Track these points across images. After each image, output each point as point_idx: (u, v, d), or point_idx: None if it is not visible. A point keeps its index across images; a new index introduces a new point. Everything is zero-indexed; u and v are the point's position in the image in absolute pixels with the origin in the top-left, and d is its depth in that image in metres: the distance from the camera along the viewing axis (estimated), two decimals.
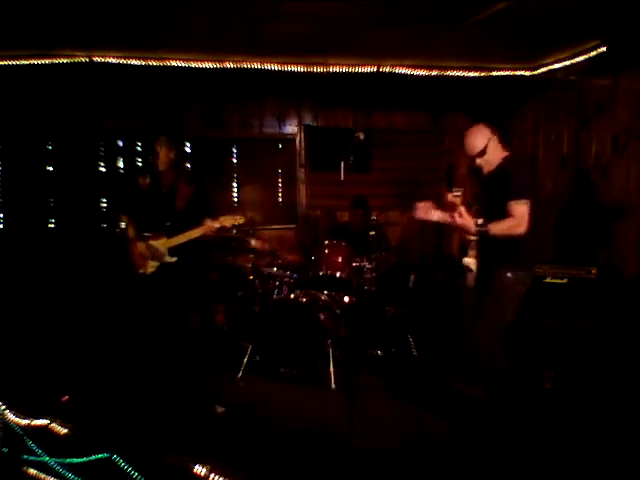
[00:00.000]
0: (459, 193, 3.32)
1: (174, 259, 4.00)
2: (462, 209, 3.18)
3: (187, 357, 4.55)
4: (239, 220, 4.01)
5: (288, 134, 6.17)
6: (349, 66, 5.31)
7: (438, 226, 6.34)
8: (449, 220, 3.24)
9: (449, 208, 3.31)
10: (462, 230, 3.36)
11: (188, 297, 4.18)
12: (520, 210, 3.16)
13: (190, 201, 4.01)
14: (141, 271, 4.09)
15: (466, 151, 3.45)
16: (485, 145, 3.35)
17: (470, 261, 3.80)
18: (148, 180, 4.26)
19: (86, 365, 4.33)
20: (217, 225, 3.90)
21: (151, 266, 4.05)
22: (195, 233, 3.88)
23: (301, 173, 6.23)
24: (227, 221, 3.93)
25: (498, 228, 3.18)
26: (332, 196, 6.15)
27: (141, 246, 4.05)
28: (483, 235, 3.23)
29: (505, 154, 3.40)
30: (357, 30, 4.33)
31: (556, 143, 5.33)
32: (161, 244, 3.99)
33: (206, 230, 3.89)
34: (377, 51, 4.97)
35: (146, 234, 4.07)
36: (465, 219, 3.17)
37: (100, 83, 5.33)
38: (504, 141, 3.44)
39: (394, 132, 6.32)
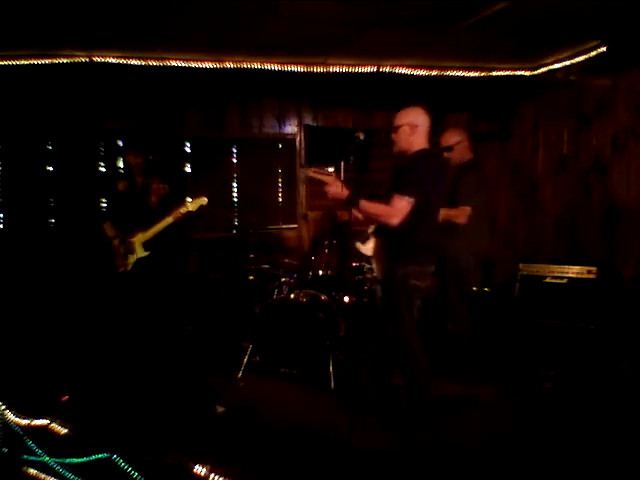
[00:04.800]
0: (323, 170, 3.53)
1: (147, 253, 4.30)
2: (335, 180, 3.35)
3: (187, 357, 4.57)
4: (203, 201, 4.29)
5: (288, 134, 6.17)
6: (349, 66, 5.31)
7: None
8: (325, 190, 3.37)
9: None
10: (334, 200, 3.41)
11: (170, 288, 4.35)
12: (399, 204, 3.23)
13: (164, 197, 4.37)
14: (121, 269, 4.36)
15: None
16: (409, 124, 3.39)
17: (364, 247, 3.92)
18: (125, 184, 4.54)
19: (86, 365, 4.33)
20: (183, 210, 4.22)
21: (129, 264, 4.33)
22: (166, 222, 4.24)
23: (301, 173, 6.23)
24: (192, 205, 4.24)
25: (368, 206, 3.31)
26: None
27: (119, 246, 4.37)
28: (351, 206, 3.34)
29: (421, 148, 3.41)
30: (357, 30, 4.33)
31: (556, 143, 5.33)
32: (137, 240, 4.30)
33: (175, 217, 4.23)
34: (377, 51, 4.97)
35: (124, 234, 4.39)
36: (337, 188, 3.29)
37: (100, 83, 5.32)
38: (431, 137, 3.52)
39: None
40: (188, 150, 5.95)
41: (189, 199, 4.23)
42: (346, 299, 4.86)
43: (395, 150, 3.47)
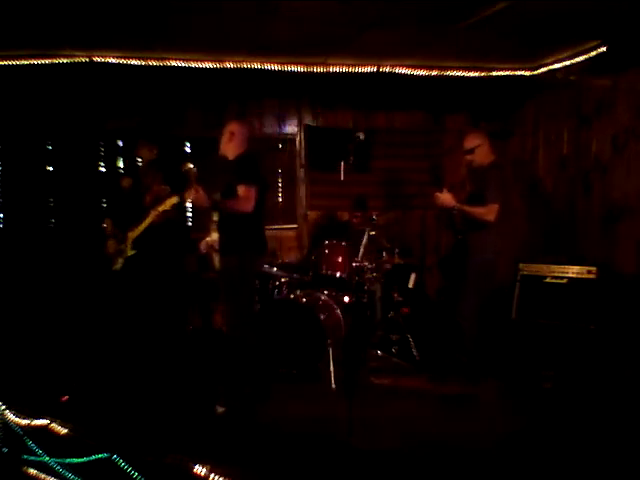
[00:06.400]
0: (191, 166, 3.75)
1: (133, 252, 4.34)
2: (199, 187, 3.64)
3: (187, 357, 4.56)
4: (173, 200, 4.20)
5: (288, 134, 6.17)
6: (349, 66, 5.31)
7: (439, 225, 6.40)
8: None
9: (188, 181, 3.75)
10: (197, 204, 3.82)
11: (160, 289, 4.35)
12: (246, 191, 3.67)
13: (160, 198, 4.29)
14: (114, 267, 4.40)
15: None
16: (228, 132, 3.90)
17: (209, 240, 4.15)
18: (130, 182, 4.54)
19: (86, 365, 4.33)
20: (160, 209, 4.20)
21: (119, 262, 4.38)
22: (146, 222, 4.26)
23: (301, 173, 6.23)
24: (166, 205, 4.19)
25: (230, 203, 3.72)
26: (332, 196, 6.14)
27: (113, 243, 4.41)
28: (216, 208, 3.81)
29: (240, 152, 3.89)
30: (357, 30, 4.33)
31: (556, 143, 5.33)
32: (129, 238, 4.35)
33: (152, 217, 4.24)
34: (377, 51, 4.97)
35: (123, 231, 4.40)
36: (200, 194, 3.64)
37: (100, 83, 5.32)
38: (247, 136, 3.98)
39: (394, 132, 6.31)
40: (188, 150, 5.95)
41: (174, 198, 4.18)
42: (346, 299, 4.86)
43: (228, 157, 3.94)
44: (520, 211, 5.82)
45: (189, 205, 5.01)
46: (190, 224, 5.20)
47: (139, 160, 4.55)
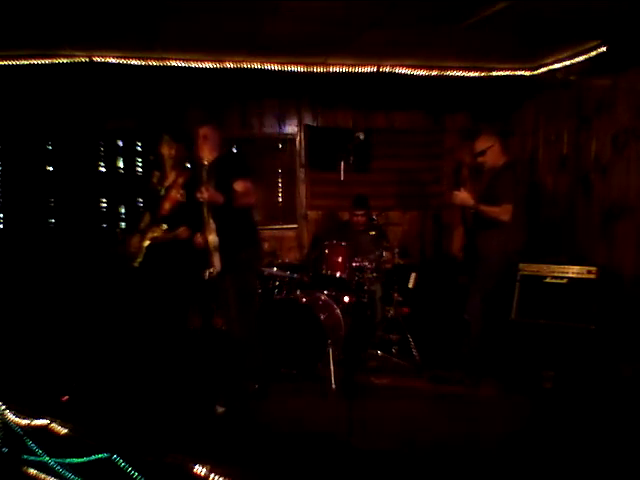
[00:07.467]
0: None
1: (140, 259, 4.29)
2: (208, 185, 3.72)
3: (187, 357, 4.56)
4: (159, 231, 4.23)
5: (288, 134, 6.17)
6: (349, 66, 5.30)
7: (439, 225, 6.40)
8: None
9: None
10: (211, 201, 3.79)
11: (161, 290, 4.30)
12: (242, 186, 3.83)
13: (176, 209, 4.24)
14: (132, 264, 4.30)
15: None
16: (202, 136, 3.99)
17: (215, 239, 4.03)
18: (158, 177, 4.42)
19: (86, 365, 4.33)
20: (156, 234, 4.24)
21: (137, 262, 4.31)
22: (146, 240, 4.25)
23: (301, 173, 6.23)
24: (158, 231, 4.23)
25: (238, 198, 3.80)
26: (332, 196, 6.14)
27: (137, 241, 4.33)
28: (229, 203, 3.79)
29: (216, 155, 4.00)
30: (357, 30, 4.33)
31: (556, 143, 5.33)
32: (144, 242, 4.28)
33: (149, 238, 4.24)
34: (377, 51, 4.97)
35: (147, 230, 4.31)
36: (212, 192, 3.71)
37: (100, 83, 5.32)
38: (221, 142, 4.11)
39: (394, 132, 6.31)
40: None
41: (164, 225, 4.21)
42: (346, 299, 4.87)
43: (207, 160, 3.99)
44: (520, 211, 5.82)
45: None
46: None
47: (159, 157, 4.39)
